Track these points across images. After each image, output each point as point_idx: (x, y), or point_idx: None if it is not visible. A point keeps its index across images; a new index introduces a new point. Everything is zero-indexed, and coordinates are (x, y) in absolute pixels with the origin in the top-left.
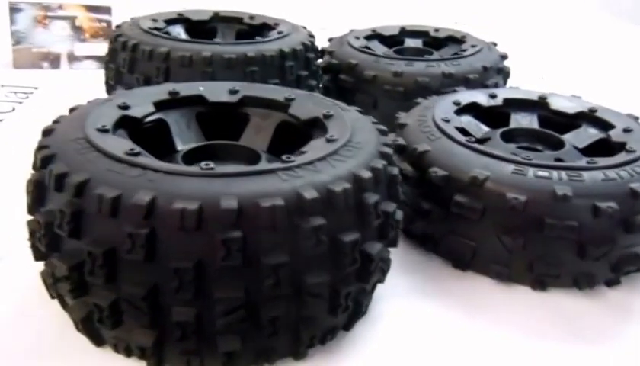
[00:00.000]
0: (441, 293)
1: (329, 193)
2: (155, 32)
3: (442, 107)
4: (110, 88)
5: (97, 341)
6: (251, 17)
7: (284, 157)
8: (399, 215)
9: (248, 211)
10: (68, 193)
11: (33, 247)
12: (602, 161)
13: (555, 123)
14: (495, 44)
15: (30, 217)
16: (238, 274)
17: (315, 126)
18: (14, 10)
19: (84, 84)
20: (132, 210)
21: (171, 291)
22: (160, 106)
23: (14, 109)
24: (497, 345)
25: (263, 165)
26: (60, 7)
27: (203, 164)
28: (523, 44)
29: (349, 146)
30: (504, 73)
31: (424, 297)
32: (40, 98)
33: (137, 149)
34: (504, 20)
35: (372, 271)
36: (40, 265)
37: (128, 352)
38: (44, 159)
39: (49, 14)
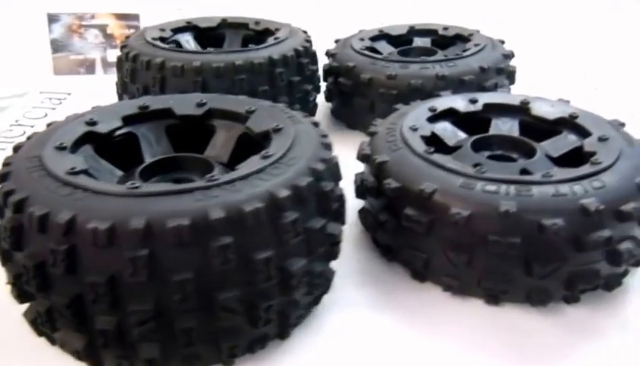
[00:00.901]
0: (393, 305)
1: (239, 213)
2: (156, 42)
3: (415, 114)
4: (120, 97)
5: (51, 341)
6: (257, 22)
7: (208, 176)
8: (334, 229)
9: (154, 230)
10: (10, 209)
11: None
12: (559, 174)
13: (537, 129)
14: (503, 42)
15: None
16: (148, 289)
17: (266, 140)
18: (51, 20)
19: (113, 89)
20: (55, 227)
21: (90, 302)
22: (129, 120)
23: (46, 115)
24: (437, 359)
25: (184, 184)
26: (92, 16)
27: (129, 183)
28: (539, 43)
29: (280, 162)
30: (507, 73)
31: (375, 309)
32: (71, 104)
33: (79, 167)
34: (520, 16)
35: (295, 285)
36: None
37: (71, 353)
38: (1, 176)
39: (84, 23)
